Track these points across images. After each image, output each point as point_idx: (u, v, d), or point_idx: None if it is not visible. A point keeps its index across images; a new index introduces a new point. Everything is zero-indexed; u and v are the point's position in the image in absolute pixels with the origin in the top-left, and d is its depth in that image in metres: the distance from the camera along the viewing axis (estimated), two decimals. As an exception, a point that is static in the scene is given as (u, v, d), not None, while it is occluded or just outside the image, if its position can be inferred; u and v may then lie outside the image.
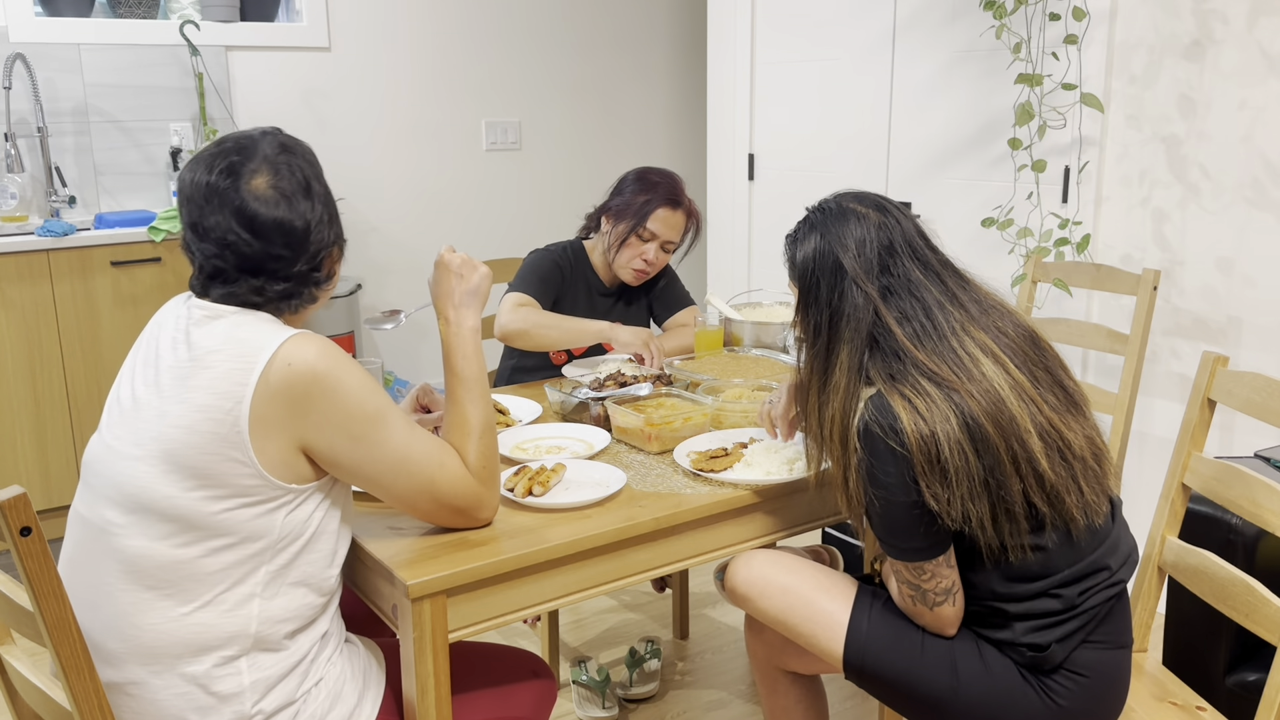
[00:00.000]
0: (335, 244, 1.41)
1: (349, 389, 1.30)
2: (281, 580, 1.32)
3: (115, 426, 1.34)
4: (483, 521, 1.48)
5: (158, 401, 1.29)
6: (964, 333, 1.46)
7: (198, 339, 1.30)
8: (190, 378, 1.28)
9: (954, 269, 1.56)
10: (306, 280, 1.38)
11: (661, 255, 2.48)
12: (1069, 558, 1.44)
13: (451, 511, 1.44)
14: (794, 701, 1.73)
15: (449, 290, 1.52)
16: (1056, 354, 1.54)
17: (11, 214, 3.27)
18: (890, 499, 1.42)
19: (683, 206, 2.49)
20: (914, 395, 1.41)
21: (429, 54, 4.24)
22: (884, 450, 1.40)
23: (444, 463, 1.41)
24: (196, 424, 1.26)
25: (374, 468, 1.34)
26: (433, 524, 1.48)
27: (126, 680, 1.30)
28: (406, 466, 1.36)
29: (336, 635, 1.45)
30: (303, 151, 1.39)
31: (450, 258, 1.54)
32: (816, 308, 1.53)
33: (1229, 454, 2.27)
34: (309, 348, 1.29)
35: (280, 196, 1.32)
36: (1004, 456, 1.39)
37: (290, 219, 1.33)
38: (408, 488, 1.38)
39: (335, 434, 1.30)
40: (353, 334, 3.93)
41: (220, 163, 1.32)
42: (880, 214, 1.54)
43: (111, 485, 1.31)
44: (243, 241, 1.31)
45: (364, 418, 1.31)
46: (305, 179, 1.36)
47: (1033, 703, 1.45)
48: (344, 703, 1.41)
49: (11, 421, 3.13)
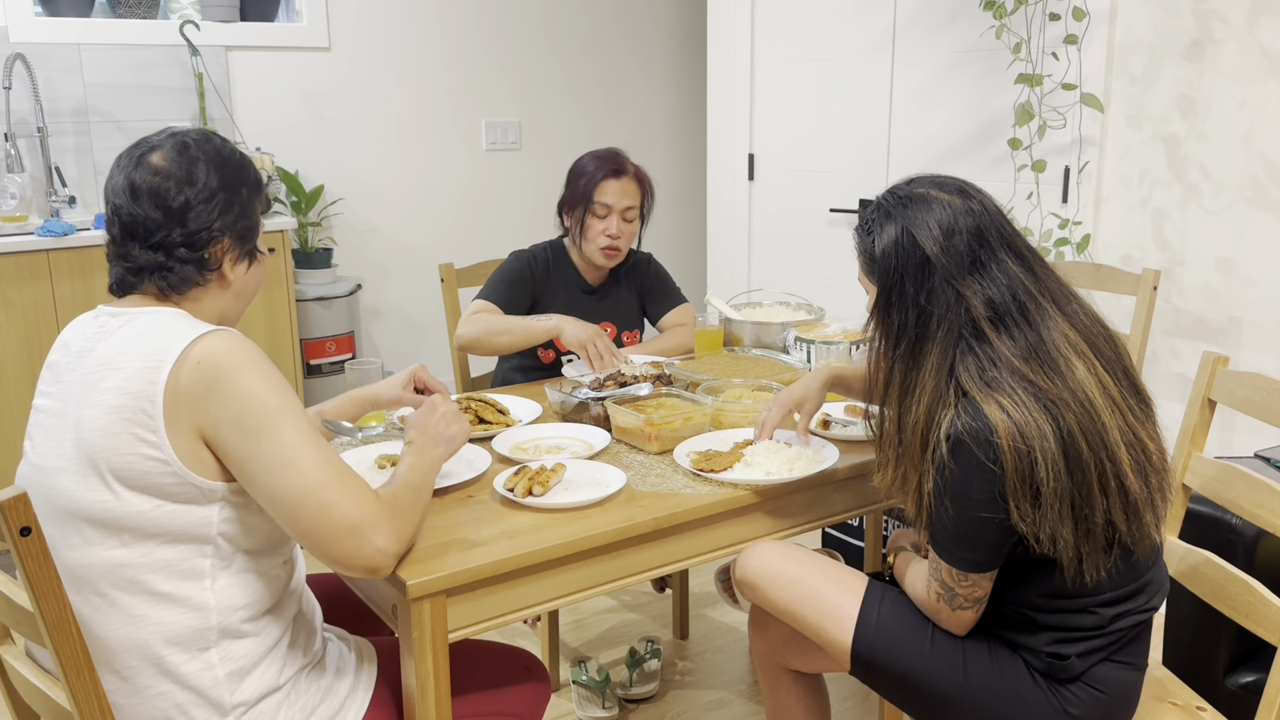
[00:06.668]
0: (226, 235, 1.37)
1: (250, 381, 1.27)
2: (229, 568, 1.31)
3: (39, 446, 1.33)
4: (375, 551, 1.28)
5: (73, 410, 1.29)
6: (1055, 330, 1.38)
7: (109, 344, 1.30)
8: (102, 381, 1.27)
9: (1036, 253, 1.45)
10: (176, 253, 1.34)
11: (625, 226, 2.45)
12: (1123, 578, 1.41)
13: (340, 527, 1.27)
14: (796, 700, 1.73)
15: (429, 426, 1.55)
16: (1124, 344, 1.46)
17: (11, 214, 3.27)
18: (970, 514, 1.35)
19: (628, 173, 2.47)
20: (1011, 406, 1.31)
21: (429, 54, 4.24)
22: (975, 464, 1.32)
23: (343, 475, 1.29)
24: (111, 425, 1.25)
25: (259, 464, 1.25)
26: (315, 550, 1.28)
27: (105, 689, 1.30)
28: (296, 465, 1.25)
29: (313, 619, 1.45)
30: (216, 150, 1.39)
31: (442, 404, 1.59)
32: (901, 306, 1.42)
33: (1229, 454, 2.27)
34: (219, 342, 1.28)
35: (166, 170, 1.34)
36: (1093, 474, 1.33)
37: (166, 187, 1.34)
38: (292, 488, 1.25)
39: (230, 426, 1.25)
40: (352, 334, 3.93)
41: (144, 145, 1.38)
42: (964, 199, 1.42)
43: (44, 501, 1.30)
44: (125, 205, 1.34)
45: (261, 410, 1.26)
46: (203, 165, 1.36)
47: (1041, 706, 1.43)
48: (334, 696, 1.41)
49: (11, 421, 3.12)
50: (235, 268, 1.41)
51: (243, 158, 1.44)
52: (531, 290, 2.46)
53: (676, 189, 5.05)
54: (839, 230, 3.68)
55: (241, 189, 1.40)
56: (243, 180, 1.41)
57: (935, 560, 1.44)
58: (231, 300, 1.43)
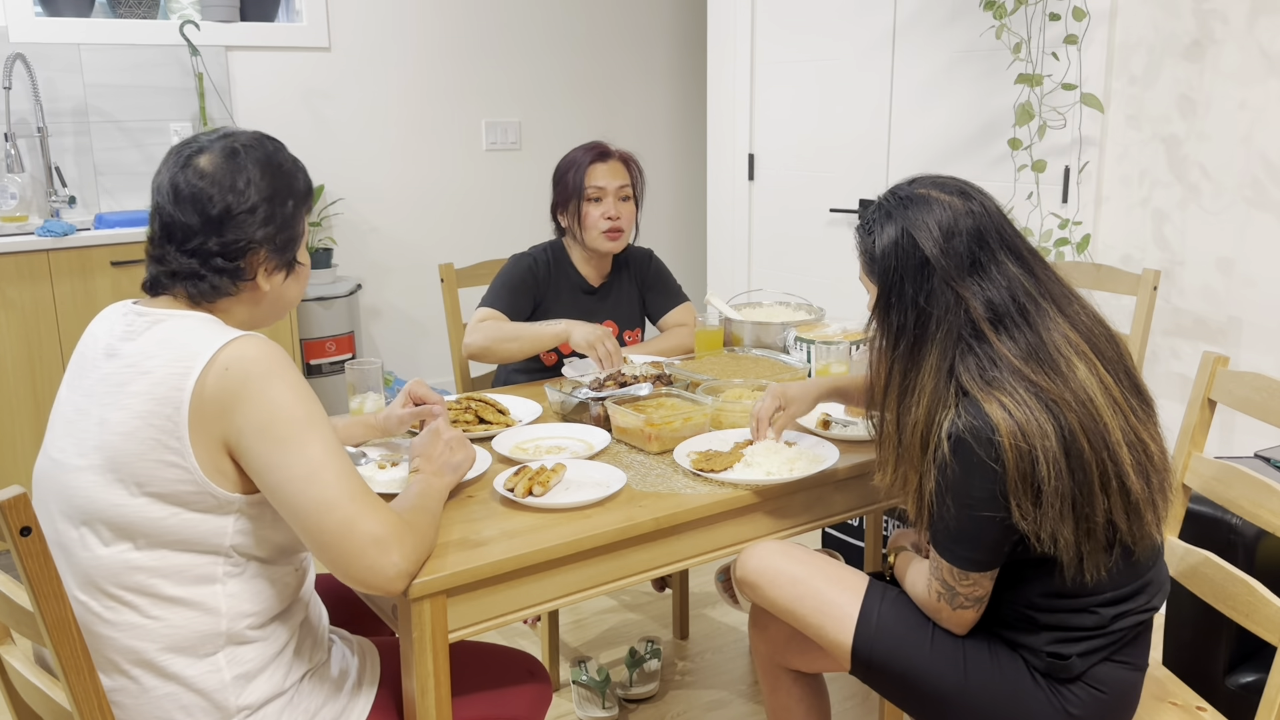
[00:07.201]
0: (264, 246, 1.35)
1: (278, 391, 1.25)
2: (242, 575, 1.31)
3: (60, 439, 1.32)
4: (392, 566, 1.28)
5: (97, 409, 1.28)
6: (1055, 331, 1.38)
7: (137, 344, 1.29)
8: (129, 383, 1.26)
9: (1037, 254, 1.45)
10: (211, 262, 1.32)
11: (622, 206, 2.44)
12: (1124, 578, 1.41)
13: (363, 542, 1.26)
14: (796, 700, 1.73)
15: (435, 455, 1.56)
16: (1125, 344, 1.46)
17: (11, 214, 3.27)
18: (971, 513, 1.35)
19: (614, 156, 2.48)
20: (1012, 405, 1.31)
21: (429, 54, 4.24)
22: (976, 463, 1.32)
23: (366, 491, 1.29)
24: (137, 430, 1.24)
25: (283, 474, 1.24)
26: (333, 563, 1.27)
27: (108, 688, 1.30)
28: (321, 477, 1.25)
29: (319, 624, 1.45)
30: (266, 156, 1.36)
31: (446, 430, 1.59)
32: (900, 307, 1.42)
33: (1229, 454, 2.27)
34: (248, 349, 1.26)
35: (211, 175, 1.32)
36: (1094, 473, 1.33)
37: (208, 193, 1.31)
38: (317, 500, 1.24)
39: (255, 434, 1.24)
40: (352, 334, 3.93)
41: (195, 144, 1.35)
42: (964, 200, 1.42)
43: (61, 499, 1.30)
44: (166, 205, 1.32)
45: (288, 420, 1.25)
46: (248, 172, 1.33)
47: (1041, 706, 1.43)
48: (337, 700, 1.41)
49: (11, 421, 3.12)
50: (271, 278, 1.38)
51: (293, 166, 1.40)
52: (534, 293, 2.46)
53: (676, 189, 5.05)
54: (839, 230, 3.68)
55: (287, 200, 1.37)
56: (290, 191, 1.38)
57: (936, 559, 1.44)
58: (267, 309, 1.41)
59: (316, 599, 1.48)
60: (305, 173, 1.43)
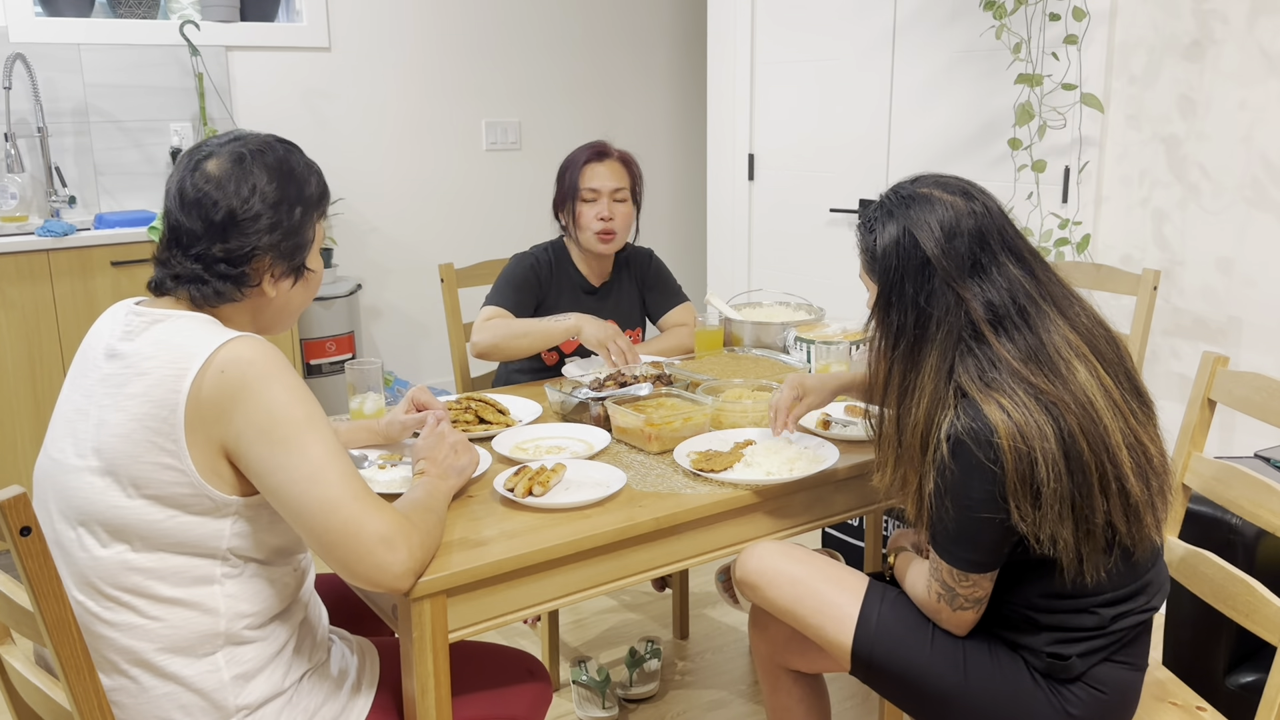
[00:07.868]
0: (269, 253, 1.34)
1: (275, 393, 1.25)
2: (240, 576, 1.31)
3: (60, 439, 1.32)
4: (399, 564, 1.28)
5: (96, 410, 1.28)
6: (1056, 333, 1.38)
7: (134, 345, 1.28)
8: (127, 385, 1.26)
9: (1038, 256, 1.45)
10: (216, 268, 1.31)
11: (616, 208, 2.43)
12: (1123, 579, 1.41)
13: (371, 541, 1.26)
14: (796, 700, 1.73)
15: (440, 459, 1.57)
16: (1126, 346, 1.46)
17: (11, 214, 3.27)
18: (971, 514, 1.35)
19: (611, 156, 2.47)
20: (1011, 406, 1.31)
21: (429, 54, 4.24)
22: (975, 464, 1.32)
23: (369, 491, 1.28)
24: (133, 432, 1.24)
25: (284, 475, 1.24)
26: (339, 563, 1.27)
27: (108, 687, 1.30)
28: (324, 477, 1.24)
29: (319, 624, 1.44)
30: (276, 162, 1.35)
31: (448, 433, 1.60)
32: (900, 307, 1.42)
33: (1229, 454, 2.27)
34: (244, 350, 1.25)
35: (216, 180, 1.31)
36: (1094, 476, 1.33)
37: (213, 199, 1.30)
38: (321, 500, 1.24)
39: (254, 437, 1.23)
40: (352, 334, 3.93)
41: (205, 148, 1.35)
42: (967, 200, 1.42)
43: (60, 499, 1.30)
44: (174, 209, 1.33)
45: (287, 421, 1.24)
46: (255, 178, 1.32)
47: (1041, 706, 1.43)
48: (336, 701, 1.41)
49: (11, 421, 3.12)
50: (278, 284, 1.37)
51: (305, 171, 1.39)
52: (538, 292, 2.46)
53: (676, 189, 5.05)
54: (839, 230, 3.68)
55: (295, 206, 1.36)
56: (299, 197, 1.36)
57: (936, 560, 1.44)
58: (272, 316, 1.40)
59: (316, 599, 1.48)
60: (319, 177, 1.41)
